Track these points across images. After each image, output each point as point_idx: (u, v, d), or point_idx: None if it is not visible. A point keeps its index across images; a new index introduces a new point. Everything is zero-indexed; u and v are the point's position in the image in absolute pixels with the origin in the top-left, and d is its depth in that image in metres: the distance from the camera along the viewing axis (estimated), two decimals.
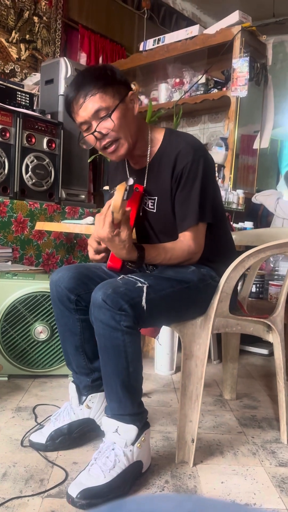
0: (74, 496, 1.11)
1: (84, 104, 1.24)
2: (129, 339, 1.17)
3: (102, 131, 1.27)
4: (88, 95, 1.23)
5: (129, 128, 1.30)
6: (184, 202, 1.31)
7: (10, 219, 2.50)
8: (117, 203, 1.13)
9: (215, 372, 2.22)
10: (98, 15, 4.01)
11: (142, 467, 1.24)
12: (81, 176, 3.16)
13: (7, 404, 1.69)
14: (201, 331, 1.36)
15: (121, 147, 1.30)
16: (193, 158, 1.29)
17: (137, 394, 1.25)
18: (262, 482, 1.27)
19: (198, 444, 1.45)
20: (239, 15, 3.02)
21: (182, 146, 1.31)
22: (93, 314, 1.18)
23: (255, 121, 3.31)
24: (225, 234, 1.49)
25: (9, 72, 3.41)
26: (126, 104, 1.29)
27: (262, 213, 3.13)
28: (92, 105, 1.24)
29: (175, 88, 3.46)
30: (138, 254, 1.24)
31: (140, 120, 1.37)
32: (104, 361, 1.21)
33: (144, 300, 1.17)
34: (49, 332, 1.89)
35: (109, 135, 1.27)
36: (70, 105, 1.28)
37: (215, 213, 1.37)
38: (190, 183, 1.30)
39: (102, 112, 1.25)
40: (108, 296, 1.14)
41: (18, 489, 1.17)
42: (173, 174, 1.31)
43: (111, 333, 1.16)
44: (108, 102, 1.25)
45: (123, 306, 1.14)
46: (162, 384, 2.03)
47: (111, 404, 1.22)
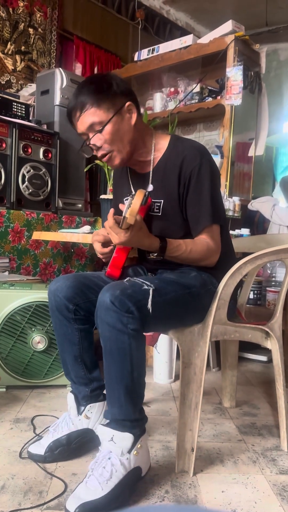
0: (72, 511, 1.09)
1: (80, 117, 1.31)
2: (135, 343, 1.17)
3: (96, 144, 1.33)
4: (83, 110, 1.30)
5: (122, 140, 1.33)
6: (196, 205, 1.34)
7: (7, 229, 2.50)
8: (136, 208, 1.17)
9: (214, 380, 2.21)
10: (92, 26, 4.05)
11: (141, 472, 1.23)
12: (77, 185, 3.17)
13: (5, 415, 1.68)
14: (200, 338, 1.36)
15: (114, 158, 1.35)
16: (201, 162, 1.32)
17: (139, 400, 1.24)
18: (263, 491, 1.26)
19: (198, 453, 1.44)
20: (232, 24, 3.05)
21: (189, 150, 1.34)
22: (100, 316, 1.17)
23: (250, 129, 3.34)
24: (226, 240, 1.49)
25: (5, 83, 3.43)
26: (122, 115, 1.32)
27: (258, 219, 3.14)
28: (87, 119, 1.30)
29: (170, 97, 3.49)
30: (160, 244, 1.27)
31: (142, 128, 1.40)
32: (108, 364, 1.20)
33: (150, 303, 1.17)
34: (47, 342, 1.88)
35: (103, 148, 1.33)
36: (70, 117, 1.35)
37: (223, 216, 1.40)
38: (200, 186, 1.32)
39: (97, 126, 1.30)
40: (116, 297, 1.14)
41: (17, 502, 1.16)
42: (180, 178, 1.33)
43: (117, 336, 1.15)
44: (101, 117, 1.29)
45: (130, 308, 1.14)
46: (161, 392, 2.02)
47: (112, 409, 1.21)
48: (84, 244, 2.87)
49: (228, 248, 1.51)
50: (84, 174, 3.21)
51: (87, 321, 1.39)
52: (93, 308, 1.38)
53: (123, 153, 1.34)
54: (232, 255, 1.54)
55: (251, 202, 3.03)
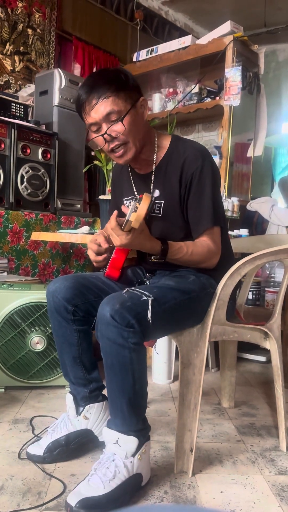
0: (73, 505, 1.09)
1: (96, 105, 1.26)
2: (136, 356, 1.17)
3: (112, 134, 1.28)
4: (101, 97, 1.25)
5: (138, 133, 1.32)
6: (198, 206, 1.33)
7: (6, 230, 2.50)
8: (142, 213, 1.17)
9: (213, 380, 2.21)
10: (91, 27, 4.05)
11: (142, 481, 1.23)
12: (76, 185, 3.17)
13: (4, 416, 1.68)
14: (199, 339, 1.36)
15: (129, 151, 1.32)
16: (202, 164, 1.32)
17: (142, 411, 1.24)
18: (262, 491, 1.26)
19: (197, 453, 1.44)
20: (231, 25, 3.05)
21: (190, 152, 1.33)
22: (100, 331, 1.17)
23: (248, 129, 3.34)
24: (225, 241, 1.49)
25: (4, 84, 3.43)
26: (137, 109, 1.31)
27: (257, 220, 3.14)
28: (104, 108, 1.25)
29: (168, 98, 3.49)
30: (161, 246, 1.26)
31: (148, 126, 1.39)
32: (110, 378, 1.20)
33: (150, 314, 1.16)
34: (45, 343, 1.88)
35: (118, 138, 1.29)
36: (82, 106, 1.29)
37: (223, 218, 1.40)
38: (201, 187, 1.32)
39: (114, 116, 1.26)
40: (116, 311, 1.13)
41: (16, 503, 1.16)
42: (181, 179, 1.33)
43: (118, 351, 1.15)
44: (120, 106, 1.26)
45: (130, 322, 1.13)
46: (160, 393, 2.02)
47: (115, 420, 1.21)
48: (83, 244, 2.87)
49: (227, 249, 1.51)
50: (83, 174, 3.21)
51: (86, 322, 1.39)
52: (92, 309, 1.38)
53: (137, 147, 1.32)
54: (231, 256, 1.54)
55: (250, 203, 3.03)
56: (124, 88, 1.27)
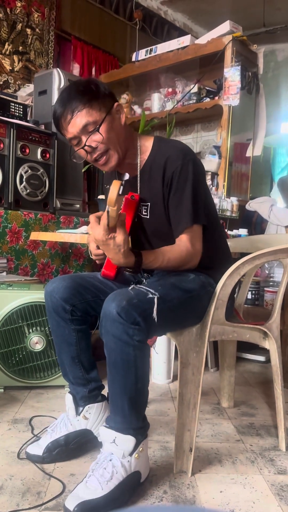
0: (72, 510, 1.09)
1: (72, 120, 1.27)
2: (140, 354, 1.17)
3: (91, 145, 1.29)
4: (75, 111, 1.26)
5: (117, 138, 1.32)
6: (178, 206, 1.32)
7: (5, 230, 2.50)
8: (113, 197, 1.13)
9: (212, 380, 2.21)
10: (90, 27, 4.05)
11: (141, 477, 1.23)
12: (75, 185, 3.16)
13: (3, 416, 1.68)
14: (198, 339, 1.36)
15: (111, 158, 1.32)
16: (183, 162, 1.30)
17: (142, 409, 1.24)
18: (261, 491, 1.26)
19: (196, 453, 1.44)
20: (230, 25, 3.05)
21: (171, 151, 1.33)
22: (105, 327, 1.16)
23: (247, 129, 3.34)
24: (220, 240, 1.49)
25: (3, 84, 3.43)
26: (112, 115, 1.31)
27: (256, 220, 3.14)
28: (80, 120, 1.26)
29: (167, 98, 3.49)
30: (135, 259, 1.23)
31: (129, 130, 1.39)
32: (112, 375, 1.19)
33: (155, 312, 1.16)
34: (44, 343, 1.88)
35: (99, 148, 1.30)
36: (59, 122, 1.31)
37: (208, 216, 1.38)
38: (182, 186, 1.31)
39: (90, 127, 1.27)
40: (123, 308, 1.12)
41: (15, 503, 1.16)
42: (164, 179, 1.32)
43: (122, 348, 1.15)
44: (95, 116, 1.27)
45: (136, 319, 1.13)
46: (159, 393, 2.02)
47: (115, 418, 1.21)
48: (82, 244, 2.87)
49: (223, 248, 1.50)
50: (82, 174, 3.21)
51: (84, 321, 1.39)
52: (89, 309, 1.38)
53: (119, 153, 1.32)
54: (228, 255, 1.53)
55: (249, 203, 3.03)
56: (96, 97, 1.27)
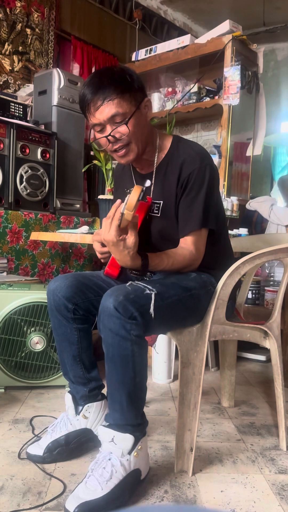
0: (72, 511, 1.09)
1: (101, 107, 1.25)
2: (138, 348, 1.16)
3: (116, 136, 1.28)
4: (107, 99, 1.24)
5: (141, 134, 1.31)
6: (188, 207, 1.32)
7: (5, 230, 2.50)
8: (132, 202, 1.14)
9: (213, 380, 2.21)
10: (90, 26, 4.05)
11: (141, 475, 1.23)
12: (75, 185, 3.16)
13: (3, 416, 1.68)
14: (198, 338, 1.35)
15: (131, 151, 1.32)
16: (200, 166, 1.31)
17: (140, 405, 1.24)
18: (262, 490, 1.26)
19: (197, 452, 1.44)
20: (230, 24, 3.05)
21: (189, 154, 1.33)
22: (102, 321, 1.16)
23: (247, 129, 3.34)
24: (225, 241, 1.49)
25: (3, 84, 3.43)
26: (141, 110, 1.30)
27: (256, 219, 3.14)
28: (109, 110, 1.25)
29: (167, 97, 3.49)
30: (142, 262, 1.23)
31: (151, 126, 1.39)
32: (110, 370, 1.19)
33: (152, 308, 1.16)
34: (45, 343, 1.88)
35: (122, 140, 1.29)
36: (87, 106, 1.28)
37: (218, 220, 1.38)
38: (196, 189, 1.31)
39: (118, 118, 1.26)
40: (120, 303, 1.13)
41: (16, 503, 1.16)
42: (178, 180, 1.32)
43: (120, 343, 1.15)
44: (125, 108, 1.25)
45: (133, 314, 1.13)
46: (160, 392, 2.02)
47: (114, 414, 1.21)
48: (82, 244, 2.87)
49: (227, 250, 1.51)
50: (82, 174, 3.21)
51: (86, 320, 1.39)
52: (92, 308, 1.38)
53: (139, 148, 1.32)
54: (231, 256, 1.54)
55: (249, 202, 3.03)
56: (129, 90, 1.26)
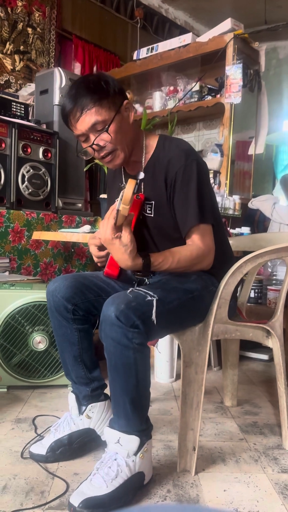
0: (76, 506, 1.10)
1: (81, 117, 1.26)
2: (140, 356, 1.16)
3: (99, 144, 1.28)
4: (85, 109, 1.24)
5: (125, 138, 1.31)
6: (183, 206, 1.31)
7: (7, 229, 2.50)
8: (128, 195, 1.13)
9: (215, 379, 2.21)
10: (91, 25, 4.05)
11: (144, 479, 1.23)
12: (77, 185, 3.17)
13: (6, 415, 1.68)
14: (201, 338, 1.35)
15: (117, 157, 1.32)
16: (186, 163, 1.30)
17: (145, 411, 1.24)
18: (265, 489, 1.26)
19: (199, 452, 1.44)
20: (231, 22, 3.04)
21: (174, 152, 1.32)
22: (104, 331, 1.16)
23: (249, 127, 3.33)
24: (222, 239, 1.48)
25: (4, 83, 3.43)
26: (121, 114, 1.30)
27: (258, 218, 3.13)
28: (89, 119, 1.25)
29: (169, 96, 3.48)
30: (143, 261, 1.21)
31: (136, 128, 1.38)
32: (113, 378, 1.20)
33: (154, 315, 1.16)
34: (47, 342, 1.88)
35: (107, 147, 1.29)
36: (67, 118, 1.29)
37: (214, 215, 1.37)
38: (186, 187, 1.30)
39: (99, 125, 1.26)
40: (121, 312, 1.12)
41: (19, 502, 1.16)
42: (166, 180, 1.32)
43: (122, 352, 1.15)
44: (104, 115, 1.25)
45: (135, 322, 1.12)
46: (162, 392, 2.02)
47: (119, 421, 1.21)
48: (84, 243, 2.87)
49: (225, 247, 1.50)
50: (83, 173, 3.21)
51: (86, 321, 1.39)
52: (92, 308, 1.38)
53: (125, 151, 1.32)
54: (231, 254, 1.52)
55: (252, 201, 3.02)
56: (106, 96, 1.26)
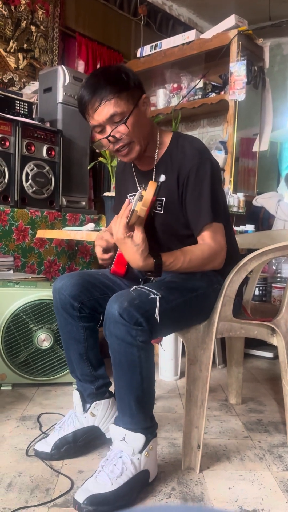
0: (81, 502, 1.10)
1: (99, 108, 1.24)
2: (144, 354, 1.17)
3: (116, 136, 1.27)
4: (104, 100, 1.23)
5: (142, 131, 1.30)
6: (196, 205, 1.30)
7: (11, 228, 2.50)
8: (149, 198, 1.15)
9: (220, 377, 2.21)
10: (95, 23, 4.03)
11: (149, 477, 1.23)
12: (81, 183, 3.17)
13: (11, 413, 1.69)
14: (205, 336, 1.35)
15: (133, 150, 1.31)
16: (200, 161, 1.30)
17: (150, 409, 1.24)
18: (270, 487, 1.26)
19: (204, 450, 1.44)
20: (235, 19, 3.03)
21: (187, 150, 1.32)
22: (108, 328, 1.16)
23: (254, 124, 3.32)
24: (230, 237, 1.48)
25: (8, 82, 3.43)
26: (139, 108, 1.29)
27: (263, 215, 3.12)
28: (107, 110, 1.24)
29: (173, 93, 3.47)
30: (154, 261, 1.20)
31: (152, 122, 1.38)
32: (118, 376, 1.20)
33: (158, 312, 1.16)
34: (52, 340, 1.88)
35: (123, 140, 1.28)
36: (85, 108, 1.28)
37: (225, 215, 1.37)
38: (199, 185, 1.29)
39: (117, 117, 1.25)
40: (125, 309, 1.12)
41: (24, 499, 1.16)
42: (179, 176, 1.32)
43: (126, 349, 1.15)
44: (123, 108, 1.24)
45: (138, 320, 1.12)
46: (166, 390, 2.02)
47: (124, 419, 1.21)
48: (88, 242, 2.87)
49: (232, 245, 1.49)
50: (87, 171, 3.21)
51: (92, 319, 1.39)
52: (98, 306, 1.38)
53: (141, 145, 1.31)
54: (237, 252, 1.52)
55: (256, 198, 3.01)
56: (126, 88, 1.25)
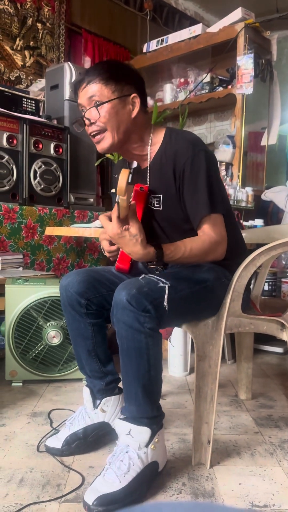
0: (90, 504, 1.10)
1: (84, 89, 1.31)
2: (152, 341, 1.16)
3: (90, 118, 1.32)
4: (90, 82, 1.30)
5: (118, 125, 1.31)
6: (193, 197, 1.30)
7: (20, 225, 2.52)
8: (122, 186, 1.12)
9: (230, 372, 2.20)
10: (100, 19, 4.02)
11: (158, 467, 1.23)
12: (89, 179, 3.17)
13: (22, 409, 1.70)
14: (214, 331, 1.35)
15: (105, 139, 1.33)
16: (193, 153, 1.29)
17: (156, 397, 1.24)
18: (281, 483, 1.26)
19: (214, 445, 1.44)
20: (242, 12, 3.00)
21: (181, 143, 1.32)
22: (116, 315, 1.17)
23: (262, 118, 3.29)
24: (233, 230, 1.46)
25: (15, 79, 3.44)
26: (124, 103, 1.31)
27: (272, 210, 3.10)
28: (90, 91, 1.30)
29: (180, 88, 3.45)
30: (155, 250, 1.22)
31: (142, 123, 1.37)
32: (125, 363, 1.20)
33: (166, 301, 1.16)
34: (62, 337, 1.89)
35: (97, 124, 1.32)
36: (75, 87, 1.36)
37: (225, 205, 1.36)
38: (195, 177, 1.29)
39: (95, 101, 1.30)
40: (133, 296, 1.13)
41: (35, 495, 1.17)
42: (175, 172, 1.31)
43: (134, 335, 1.15)
44: (105, 94, 1.29)
45: (147, 307, 1.13)
46: (176, 385, 2.02)
47: (130, 407, 1.22)
48: (96, 238, 2.87)
49: (236, 238, 1.47)
50: (95, 168, 3.21)
51: (99, 315, 1.39)
52: (105, 303, 1.38)
53: (114, 138, 1.32)
54: (243, 245, 1.50)
55: (265, 192, 2.99)
56: (115, 79, 1.30)
